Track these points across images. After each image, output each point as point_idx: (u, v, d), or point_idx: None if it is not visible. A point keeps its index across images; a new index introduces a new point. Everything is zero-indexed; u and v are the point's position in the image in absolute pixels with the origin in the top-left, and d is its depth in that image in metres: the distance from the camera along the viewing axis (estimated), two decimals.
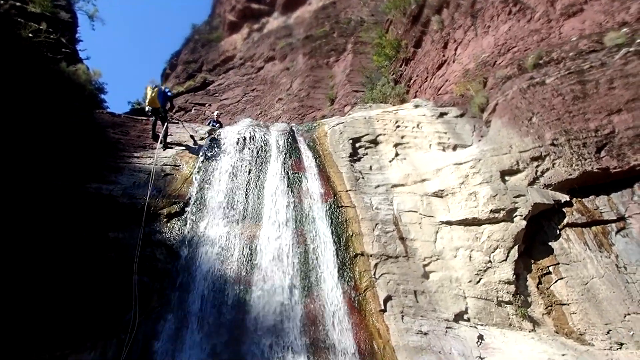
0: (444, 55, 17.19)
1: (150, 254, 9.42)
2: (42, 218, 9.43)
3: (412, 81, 19.79)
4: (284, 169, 11.82)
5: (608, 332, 8.43)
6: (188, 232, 9.91)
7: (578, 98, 10.48)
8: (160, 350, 7.64)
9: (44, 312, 7.99)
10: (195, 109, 34.50)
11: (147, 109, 12.72)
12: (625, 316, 8.49)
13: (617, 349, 8.19)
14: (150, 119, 13.26)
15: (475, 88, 13.62)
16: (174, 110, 33.12)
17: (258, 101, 34.05)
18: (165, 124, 12.98)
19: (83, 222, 9.65)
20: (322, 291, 8.79)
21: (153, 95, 12.51)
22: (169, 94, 13.30)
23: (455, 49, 16.42)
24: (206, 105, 34.57)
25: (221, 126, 17.23)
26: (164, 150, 12.39)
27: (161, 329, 7.98)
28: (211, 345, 7.71)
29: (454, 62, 16.23)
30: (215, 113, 20.25)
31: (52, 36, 16.48)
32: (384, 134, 12.91)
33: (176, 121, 15.23)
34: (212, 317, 8.21)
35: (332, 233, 9.94)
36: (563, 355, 7.70)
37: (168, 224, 10.09)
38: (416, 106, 14.67)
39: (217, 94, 36.33)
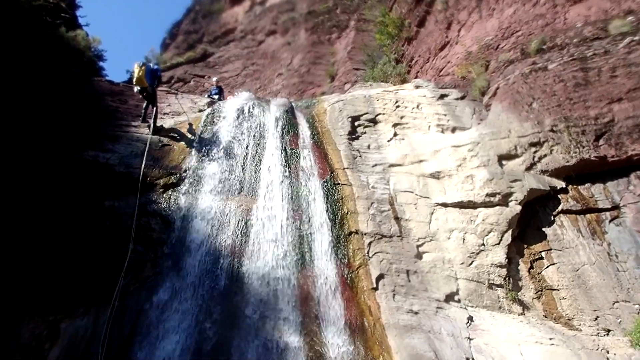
0: (447, 37, 17.03)
1: (145, 223, 9.43)
2: (39, 184, 9.40)
3: (413, 61, 19.64)
4: (282, 145, 11.79)
5: (596, 319, 8.55)
6: (184, 204, 9.90)
7: (580, 85, 10.45)
8: (152, 317, 7.70)
9: (38, 278, 8.02)
10: (194, 81, 34.23)
11: (135, 89, 12.03)
12: (613, 303, 8.61)
13: (604, 335, 8.31)
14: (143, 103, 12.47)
15: (477, 71, 13.54)
16: (173, 81, 32.86)
17: (258, 75, 33.80)
18: (155, 107, 12.15)
19: (79, 190, 9.63)
20: (315, 267, 8.85)
21: (140, 74, 11.63)
22: (158, 72, 12.43)
23: (459, 31, 16.28)
24: (206, 77, 34.28)
25: (222, 92, 17.06)
26: (153, 135, 11.68)
27: (154, 298, 8.03)
28: (204, 314, 7.77)
29: (456, 43, 16.09)
30: (214, 79, 19.90)
31: (51, 0, 16.21)
32: (384, 114, 12.85)
33: (175, 92, 15.10)
34: (206, 287, 8.26)
35: (327, 210, 9.96)
36: (551, 339, 7.81)
37: (164, 195, 10.07)
38: (417, 87, 14.59)
39: (217, 66, 36.01)
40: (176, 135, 11.95)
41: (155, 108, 12.11)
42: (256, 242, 9.18)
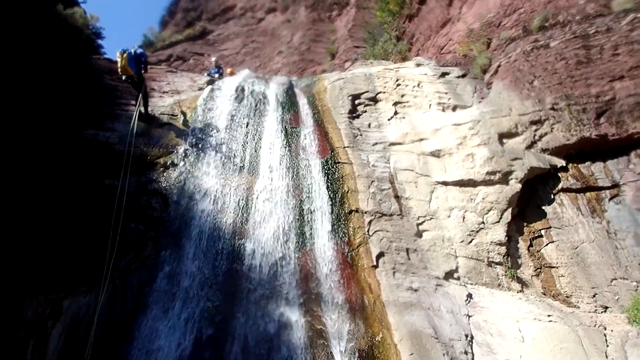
0: (448, 14, 16.87)
1: (146, 202, 9.46)
2: (40, 163, 9.40)
3: (414, 39, 19.49)
4: (282, 123, 11.77)
5: (594, 296, 8.63)
6: (184, 182, 9.92)
7: (581, 63, 10.38)
8: (154, 295, 7.77)
9: (40, 256, 8.08)
10: (193, 59, 34.03)
11: (123, 77, 11.22)
12: (612, 281, 8.67)
13: (602, 312, 8.39)
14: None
15: (478, 49, 13.44)
16: (172, 60, 32.65)
17: (258, 53, 33.59)
18: (145, 94, 11.47)
19: (80, 169, 9.64)
20: (315, 245, 8.90)
21: (123, 63, 10.88)
22: (142, 57, 11.46)
23: (461, 8, 16.11)
24: (205, 55, 34.06)
25: (221, 70, 16.95)
26: (145, 123, 11.22)
27: (155, 276, 8.09)
28: (205, 292, 7.84)
29: (458, 21, 15.94)
30: (213, 59, 19.74)
31: None
32: (384, 92, 12.79)
33: (174, 70, 15.01)
34: (207, 265, 8.32)
35: (327, 188, 9.98)
36: (549, 316, 7.88)
37: (165, 173, 10.08)
38: (418, 65, 14.49)
39: (216, 44, 35.78)
40: (176, 112, 11.90)
41: (144, 95, 11.44)
42: (257, 221, 9.22)
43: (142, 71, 11.46)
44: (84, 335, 7.03)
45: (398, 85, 12.97)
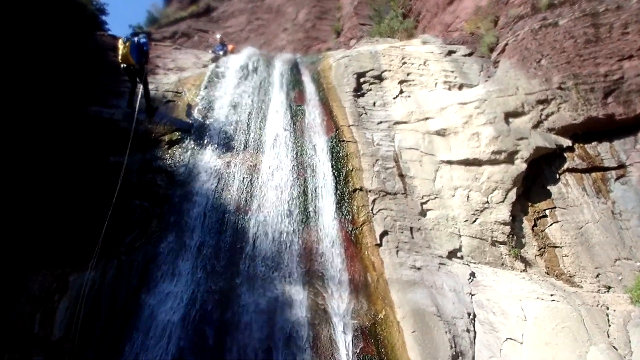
0: None
1: (151, 179, 9.48)
2: (45, 139, 9.40)
3: (421, 16, 19.24)
4: (287, 101, 11.72)
5: (597, 276, 8.65)
6: (189, 160, 9.92)
7: (590, 41, 10.27)
8: (159, 272, 7.82)
9: (45, 233, 8.12)
10: (198, 36, 33.72)
11: (122, 66, 10.67)
12: (615, 261, 8.69)
13: (605, 292, 8.42)
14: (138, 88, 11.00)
15: (486, 26, 13.29)
16: (177, 37, 32.40)
17: (262, 30, 33.26)
18: (146, 86, 10.95)
19: (85, 146, 9.64)
20: (319, 223, 8.91)
21: (125, 51, 10.38)
22: (145, 47, 10.84)
23: None
24: (209, 32, 33.74)
25: (226, 48, 16.83)
26: (148, 122, 10.66)
27: (160, 252, 8.13)
28: (209, 269, 7.88)
29: None
30: (218, 36, 19.55)
31: None
32: (390, 70, 12.67)
33: (178, 47, 14.91)
34: (211, 242, 8.35)
35: (332, 167, 9.96)
36: (552, 295, 7.90)
37: (169, 151, 10.08)
38: (424, 42, 14.35)
39: (220, 21, 35.40)
40: (180, 89, 11.85)
41: (145, 87, 10.95)
42: (261, 198, 9.23)
43: (144, 62, 10.89)
44: (90, 309, 7.10)
45: (404, 63, 12.86)
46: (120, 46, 10.52)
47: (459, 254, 8.97)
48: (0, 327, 6.77)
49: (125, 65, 10.58)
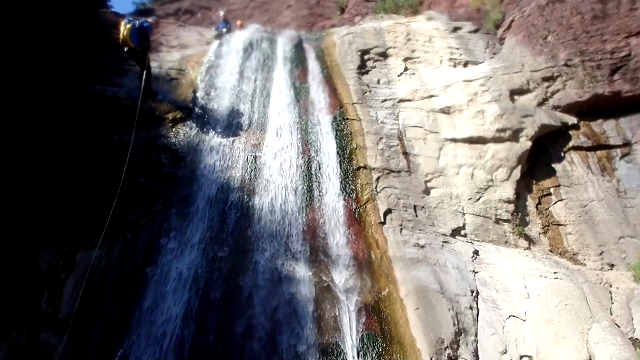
0: None
1: (155, 157, 9.48)
2: (50, 117, 9.40)
3: None
4: (291, 79, 11.66)
5: (601, 254, 8.66)
6: (193, 138, 9.91)
7: (597, 18, 10.12)
8: (163, 249, 7.87)
9: (53, 211, 8.16)
10: (201, 13, 33.42)
11: (125, 49, 10.40)
12: (619, 239, 8.69)
13: (608, 269, 8.44)
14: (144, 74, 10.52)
15: (491, 3, 13.14)
16: (180, 14, 32.14)
17: (266, 7, 32.91)
18: (148, 70, 10.52)
19: (89, 124, 9.63)
20: (323, 201, 8.93)
21: (125, 34, 10.11)
22: (147, 31, 10.51)
23: None
24: (213, 9, 33.39)
25: (229, 25, 16.66)
26: (151, 101, 10.56)
27: (165, 231, 8.18)
28: (214, 248, 7.93)
29: None
30: (221, 13, 19.35)
31: None
32: (394, 47, 12.56)
33: (182, 24, 14.80)
34: (216, 221, 8.39)
35: (336, 145, 9.95)
36: (555, 272, 7.92)
37: (173, 129, 10.07)
38: (429, 19, 14.19)
39: None
40: (184, 67, 11.79)
41: (147, 71, 10.49)
42: (265, 177, 9.24)
43: (146, 46, 10.57)
44: (97, 286, 7.18)
45: (409, 40, 12.74)
46: (122, 28, 10.23)
47: (462, 232, 8.99)
48: (9, 304, 6.85)
49: (126, 49, 10.35)
